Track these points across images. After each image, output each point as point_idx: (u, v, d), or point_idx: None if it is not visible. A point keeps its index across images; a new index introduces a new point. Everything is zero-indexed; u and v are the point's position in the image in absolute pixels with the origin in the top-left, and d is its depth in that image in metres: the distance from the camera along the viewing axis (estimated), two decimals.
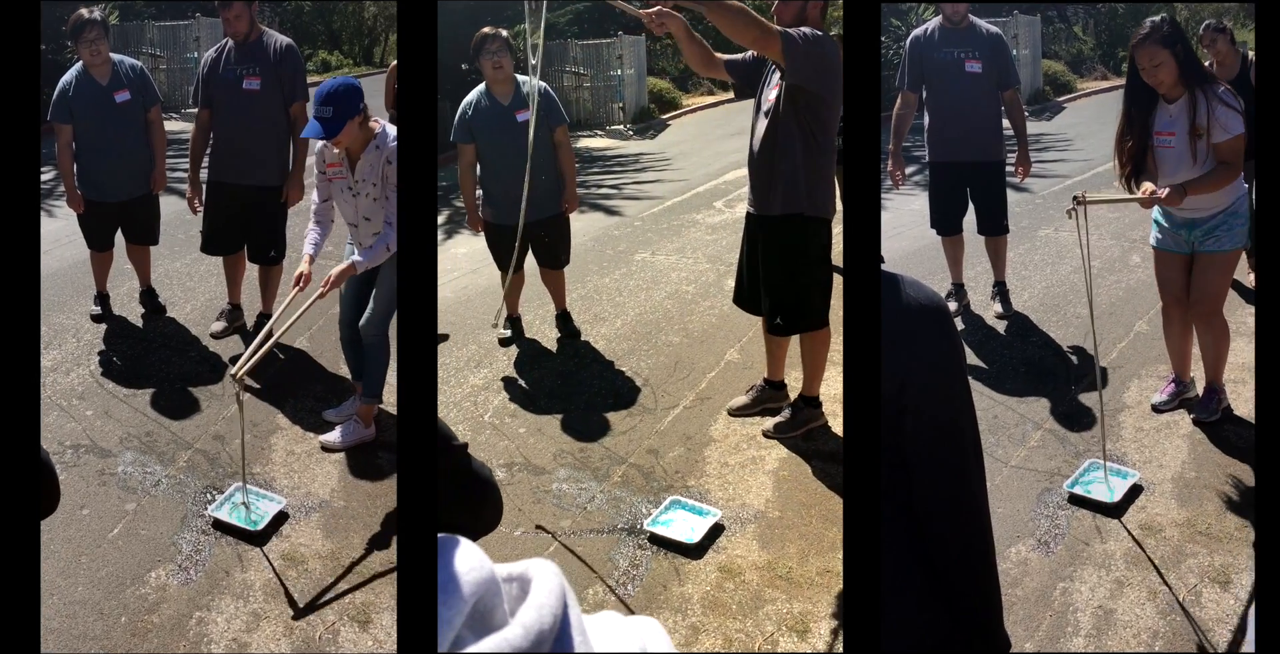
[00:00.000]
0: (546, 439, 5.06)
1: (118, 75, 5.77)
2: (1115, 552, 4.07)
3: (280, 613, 3.84)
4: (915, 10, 17.20)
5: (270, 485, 4.62)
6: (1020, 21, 16.54)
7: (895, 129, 6.13)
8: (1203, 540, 4.10)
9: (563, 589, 0.86)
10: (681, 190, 10.23)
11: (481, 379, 5.71)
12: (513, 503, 4.45)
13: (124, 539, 4.26)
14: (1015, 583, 3.91)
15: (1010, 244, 6.60)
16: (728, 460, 4.80)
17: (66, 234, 6.31)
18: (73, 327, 6.25)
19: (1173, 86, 4.45)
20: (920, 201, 9.40)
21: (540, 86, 5.66)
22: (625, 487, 4.63)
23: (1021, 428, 5.03)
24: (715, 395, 5.43)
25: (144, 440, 5.01)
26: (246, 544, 4.22)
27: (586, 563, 4.08)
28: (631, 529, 4.29)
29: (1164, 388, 5.23)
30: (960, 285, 6.40)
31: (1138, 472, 4.54)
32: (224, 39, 5.73)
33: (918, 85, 6.01)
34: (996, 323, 6.34)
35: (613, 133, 15.40)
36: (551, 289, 6.20)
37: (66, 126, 5.72)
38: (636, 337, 6.24)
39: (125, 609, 3.86)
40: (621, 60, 15.98)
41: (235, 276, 6.06)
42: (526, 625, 0.81)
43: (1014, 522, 4.29)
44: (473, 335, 6.25)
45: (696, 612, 3.80)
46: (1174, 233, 4.77)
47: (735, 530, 4.27)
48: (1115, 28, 19.75)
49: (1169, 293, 4.94)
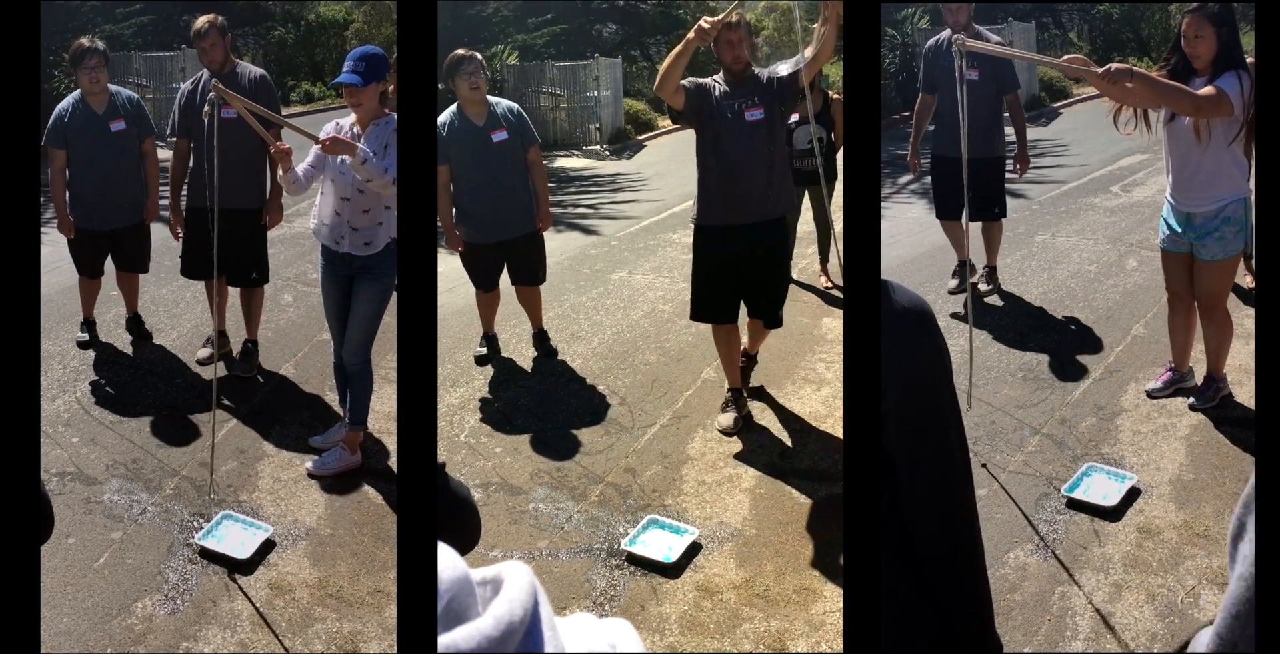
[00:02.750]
0: (523, 459, 5.02)
1: (114, 106, 5.82)
2: (1113, 555, 4.03)
3: (268, 643, 3.77)
4: (910, 20, 17.23)
5: (257, 513, 4.55)
6: (1015, 28, 16.54)
7: (915, 126, 6.81)
8: (1201, 542, 4.04)
9: (534, 587, 0.88)
10: (657, 210, 10.26)
11: (458, 399, 5.67)
12: (490, 523, 4.44)
13: (110, 568, 4.19)
14: (1014, 588, 3.87)
15: (1006, 250, 6.92)
16: (705, 479, 4.78)
17: (53, 260, 6.28)
18: (59, 353, 6.19)
19: (1207, 64, 4.55)
20: (918, 209, 9.48)
21: (512, 107, 5.80)
22: (602, 506, 4.61)
23: (1019, 433, 4.97)
24: (692, 414, 5.40)
25: (130, 468, 4.93)
26: (234, 573, 4.16)
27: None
28: (609, 549, 4.27)
29: (1160, 375, 5.27)
30: (964, 263, 6.79)
31: (1135, 475, 4.50)
32: (200, 71, 5.80)
33: (932, 88, 6.58)
34: (989, 299, 6.67)
35: (589, 153, 15.54)
36: (528, 307, 6.21)
37: (60, 152, 5.74)
38: (613, 355, 6.21)
39: (112, 640, 3.78)
40: (598, 82, 16.17)
41: (219, 303, 5.92)
42: (497, 617, 0.84)
43: (1012, 527, 4.24)
44: (448, 354, 6.21)
45: (674, 631, 3.77)
46: (1176, 232, 4.85)
47: (712, 549, 4.25)
48: (1110, 33, 19.72)
49: (1173, 286, 5.03)
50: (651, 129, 16.85)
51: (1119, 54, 18.62)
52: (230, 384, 5.69)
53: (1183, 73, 4.61)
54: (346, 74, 4.45)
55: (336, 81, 4.56)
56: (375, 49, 4.59)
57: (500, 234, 5.81)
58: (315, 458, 4.93)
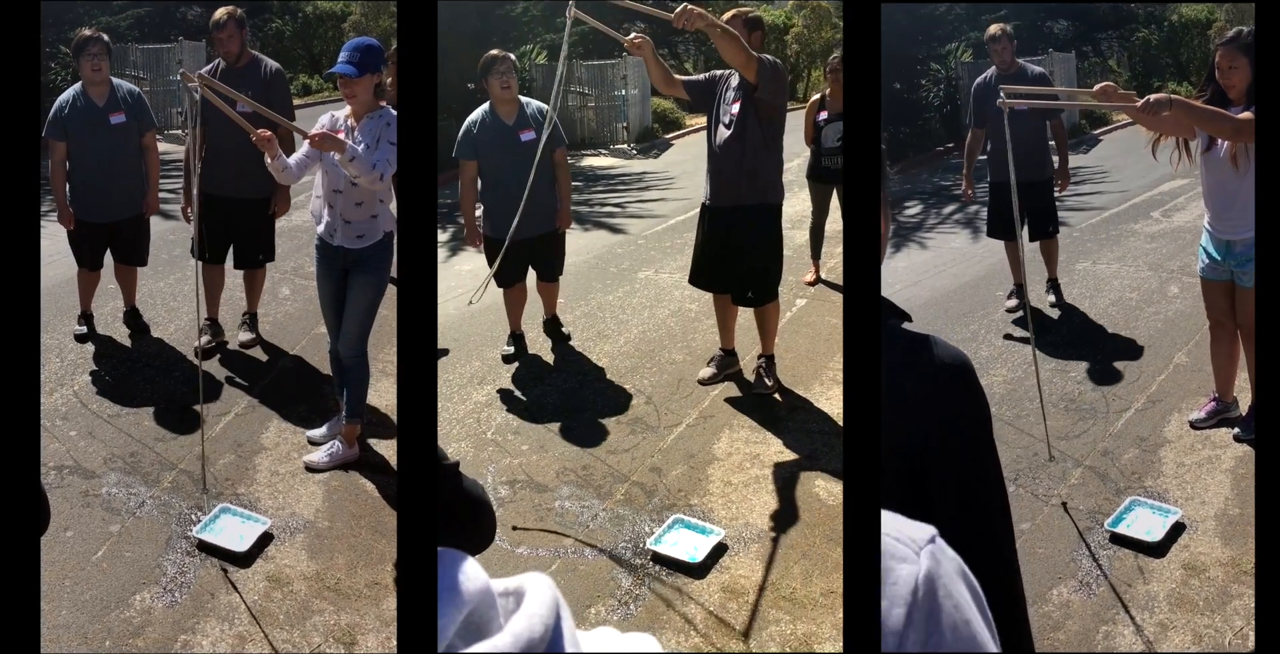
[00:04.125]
0: (549, 457, 4.98)
1: (114, 98, 5.73)
2: (1159, 593, 3.89)
3: (265, 635, 3.74)
4: (954, 54, 17.12)
5: (254, 506, 4.50)
6: (1055, 59, 16.47)
7: (967, 158, 7.21)
8: (1247, 580, 3.89)
9: (555, 600, 0.86)
10: (684, 209, 10.08)
11: (484, 396, 5.63)
12: (515, 520, 4.42)
13: (108, 561, 4.14)
14: (1057, 626, 3.76)
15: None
16: (731, 479, 4.74)
17: (51, 254, 6.19)
18: (56, 346, 6.07)
19: (1241, 93, 4.55)
20: (960, 240, 9.35)
21: (543, 108, 5.89)
22: (628, 505, 4.57)
23: (1062, 465, 4.84)
24: (718, 413, 5.35)
25: (128, 461, 4.86)
26: (232, 565, 4.12)
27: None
28: (634, 548, 4.22)
29: (1204, 405, 5.17)
30: (1021, 285, 6.91)
31: (1179, 509, 4.36)
32: (215, 61, 5.81)
33: (982, 123, 6.94)
34: (1051, 312, 6.86)
35: (616, 152, 15.50)
36: (544, 297, 6.31)
37: (61, 144, 5.64)
38: (640, 354, 6.16)
39: (110, 633, 3.74)
40: (625, 81, 16.14)
41: (214, 289, 5.99)
42: (516, 633, 0.82)
43: (1055, 563, 4.13)
44: (475, 352, 6.17)
45: (699, 632, 3.73)
46: (1216, 261, 4.82)
47: (738, 550, 4.20)
48: (1150, 59, 19.53)
49: (1214, 314, 4.98)
50: (679, 128, 16.83)
51: (1158, 79, 18.44)
52: (228, 377, 5.67)
53: (1219, 103, 4.61)
54: (341, 64, 4.39)
55: (331, 71, 4.54)
56: (371, 40, 4.53)
57: (522, 231, 5.75)
58: (313, 450, 4.88)
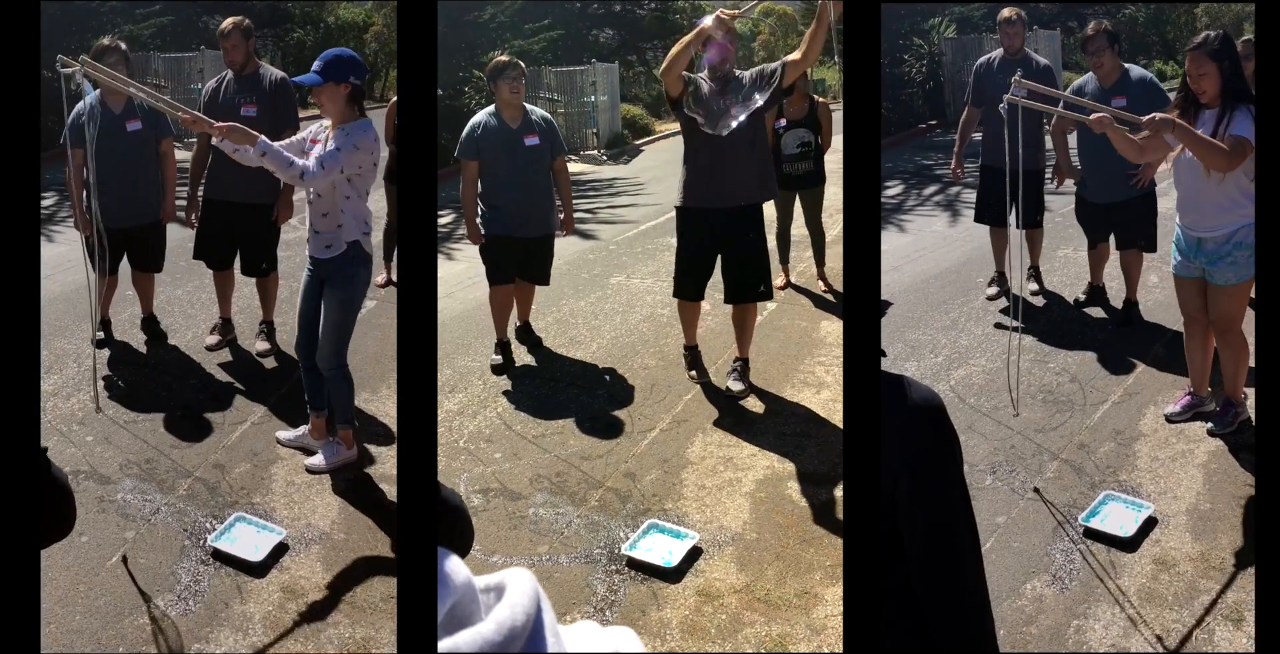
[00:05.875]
0: (523, 464, 5.00)
1: (132, 106, 5.83)
2: (1129, 588, 3.96)
3: (279, 646, 3.75)
4: (937, 29, 17.15)
5: (270, 516, 4.51)
6: (1040, 36, 16.49)
7: (960, 136, 7.21)
8: (1215, 576, 3.98)
9: (536, 592, 0.89)
10: (655, 214, 10.21)
11: (456, 404, 5.64)
12: (489, 528, 4.44)
13: (122, 568, 4.16)
14: (1030, 621, 3.82)
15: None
16: (705, 483, 4.77)
17: (70, 259, 6.25)
18: (74, 352, 6.12)
19: (1214, 97, 4.59)
20: (940, 223, 9.44)
21: (545, 116, 6.12)
22: (602, 511, 4.59)
23: (1039, 458, 4.91)
24: (691, 418, 5.38)
25: (144, 468, 4.89)
26: (246, 575, 4.14)
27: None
28: (609, 554, 4.26)
29: (1179, 399, 5.23)
30: (1002, 273, 7.12)
31: (1152, 504, 4.44)
32: (224, 71, 6.03)
33: (980, 103, 6.92)
34: (1034, 299, 6.93)
35: (587, 158, 15.58)
36: (521, 301, 6.36)
37: (79, 151, 5.64)
38: (612, 360, 6.20)
39: (123, 640, 3.75)
40: (595, 87, 16.23)
41: (225, 291, 6.23)
42: (499, 621, 0.85)
43: (1030, 556, 4.20)
44: (447, 360, 6.18)
45: (675, 637, 3.76)
46: (1187, 258, 4.85)
47: (713, 553, 4.25)
48: (1136, 38, 19.59)
49: (1188, 310, 5.01)
50: (649, 134, 16.99)
51: (1144, 57, 18.51)
52: (244, 386, 5.75)
53: (1193, 109, 4.65)
54: (307, 74, 4.44)
55: (296, 80, 4.61)
56: (344, 51, 4.53)
57: (524, 231, 5.97)
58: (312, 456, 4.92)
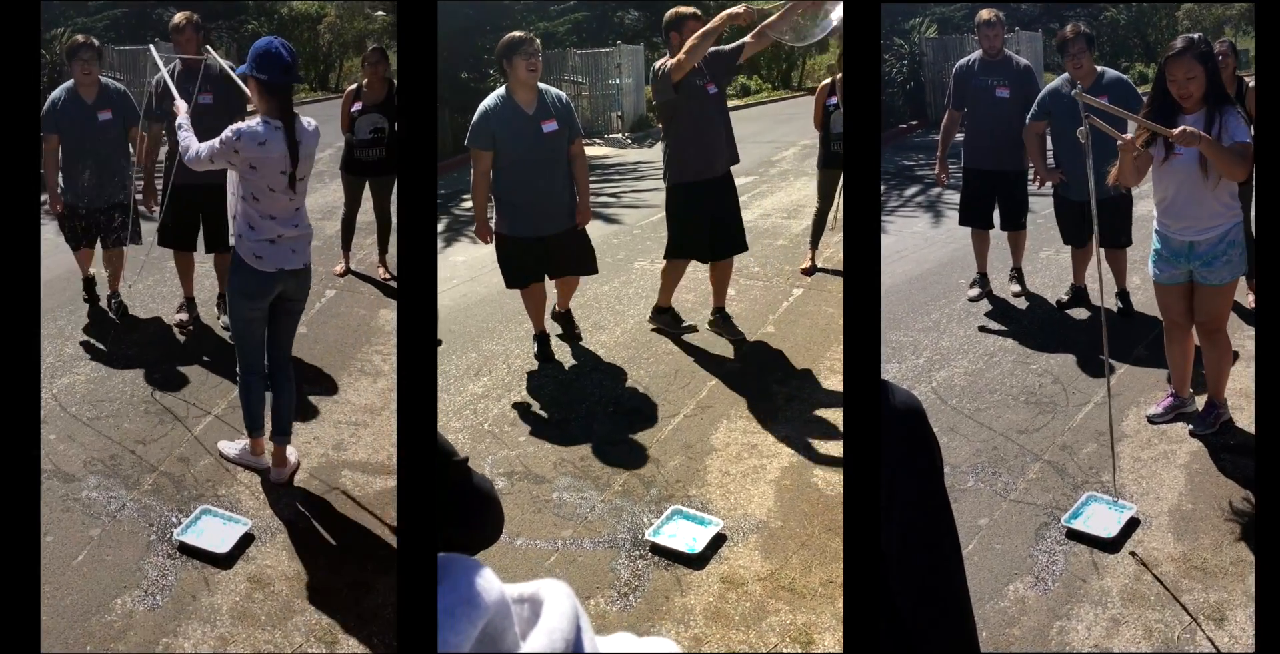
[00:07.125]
0: (547, 448, 5.03)
1: (103, 96, 6.34)
2: (1112, 588, 4.00)
3: (248, 636, 3.79)
4: (918, 30, 17.15)
5: (235, 507, 4.55)
6: (1022, 38, 16.55)
7: (942, 140, 7.22)
8: (1198, 576, 4.04)
9: (575, 612, 0.85)
10: None
11: (481, 387, 5.69)
12: (514, 512, 4.42)
13: (88, 566, 4.17)
14: (1013, 622, 3.84)
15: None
16: (729, 469, 4.78)
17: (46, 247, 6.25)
18: (47, 344, 6.22)
19: (1199, 101, 4.54)
20: (922, 223, 9.43)
21: (561, 96, 5.67)
22: (626, 496, 4.61)
23: (1021, 460, 4.94)
24: (716, 404, 5.40)
25: (108, 464, 4.90)
26: (213, 567, 4.17)
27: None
28: (633, 539, 4.27)
29: (1161, 400, 5.25)
30: (984, 274, 7.23)
31: (1134, 504, 4.48)
32: (174, 61, 6.13)
33: (960, 105, 6.97)
34: (1015, 301, 7.05)
35: (611, 141, 15.51)
36: (562, 289, 6.18)
37: (54, 136, 6.26)
38: (636, 345, 6.23)
39: (91, 638, 3.76)
40: (620, 70, 16.09)
41: (188, 271, 6.59)
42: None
43: (1012, 558, 4.22)
44: (472, 343, 6.23)
45: (699, 623, 3.78)
46: (1171, 263, 4.80)
47: (737, 540, 4.25)
48: (1118, 40, 19.67)
49: (1170, 316, 4.99)
50: None
51: (1125, 59, 18.56)
52: (207, 380, 5.77)
53: (1168, 113, 4.57)
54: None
55: (237, 70, 4.64)
56: (264, 42, 4.31)
57: (548, 228, 5.68)
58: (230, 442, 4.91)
